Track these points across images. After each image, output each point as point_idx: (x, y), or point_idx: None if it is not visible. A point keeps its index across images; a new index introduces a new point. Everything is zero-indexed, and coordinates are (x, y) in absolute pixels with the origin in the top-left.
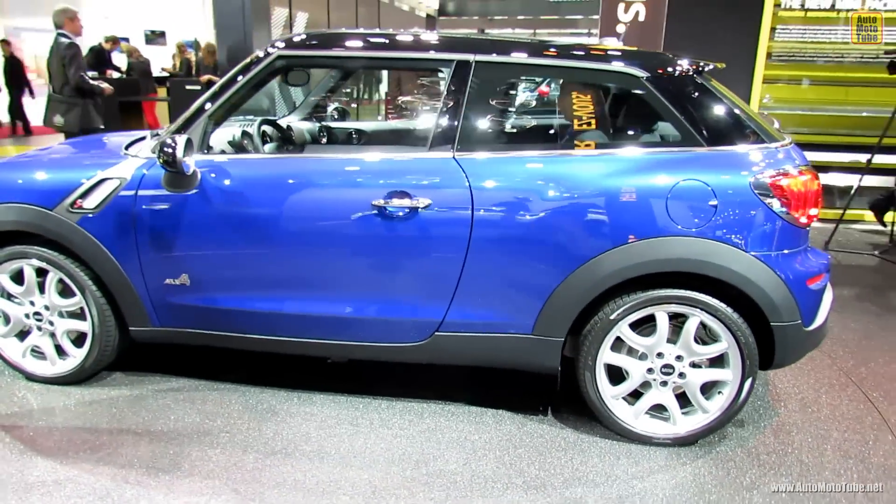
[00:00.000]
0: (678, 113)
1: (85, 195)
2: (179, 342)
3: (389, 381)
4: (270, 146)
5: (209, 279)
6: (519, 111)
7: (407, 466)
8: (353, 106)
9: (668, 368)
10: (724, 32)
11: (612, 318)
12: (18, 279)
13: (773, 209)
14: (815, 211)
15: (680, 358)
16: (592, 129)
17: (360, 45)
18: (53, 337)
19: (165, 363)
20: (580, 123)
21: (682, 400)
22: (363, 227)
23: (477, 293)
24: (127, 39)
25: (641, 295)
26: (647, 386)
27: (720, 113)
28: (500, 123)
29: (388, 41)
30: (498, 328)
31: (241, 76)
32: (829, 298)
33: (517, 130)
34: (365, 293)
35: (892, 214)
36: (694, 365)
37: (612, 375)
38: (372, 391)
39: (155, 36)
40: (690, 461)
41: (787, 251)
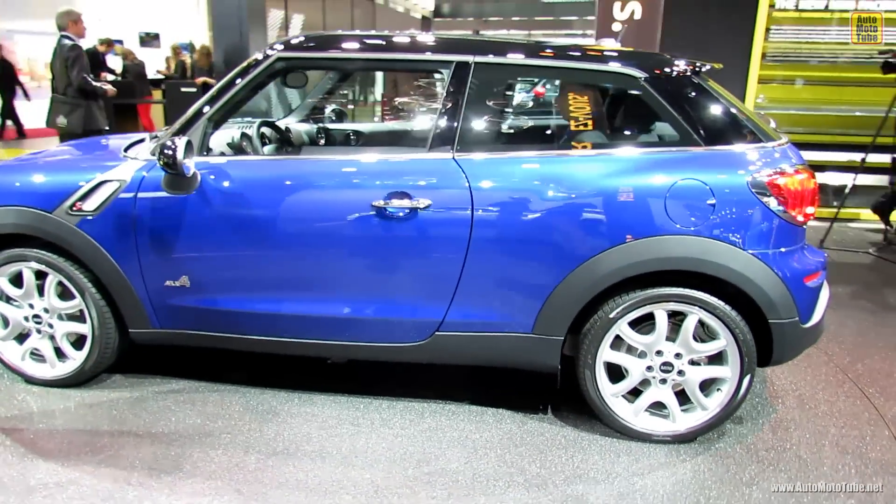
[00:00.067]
0: (676, 113)
1: (84, 197)
2: (179, 344)
3: (389, 381)
4: (269, 148)
5: (210, 281)
6: (518, 112)
7: (409, 465)
8: (349, 107)
9: (667, 366)
10: (718, 33)
11: (611, 316)
12: (17, 282)
13: (770, 208)
14: (811, 209)
15: (679, 356)
16: (591, 129)
17: (359, 46)
18: (53, 339)
19: (165, 365)
20: (579, 124)
21: (681, 397)
22: (364, 227)
23: (477, 293)
24: (121, 42)
25: (640, 293)
26: (646, 384)
27: (717, 113)
28: (499, 124)
29: (387, 43)
30: (498, 327)
31: (240, 78)
32: (825, 296)
33: (516, 131)
34: (365, 293)
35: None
36: (693, 362)
37: (611, 373)
38: (372, 391)
39: (149, 38)
40: (690, 458)
41: (784, 249)
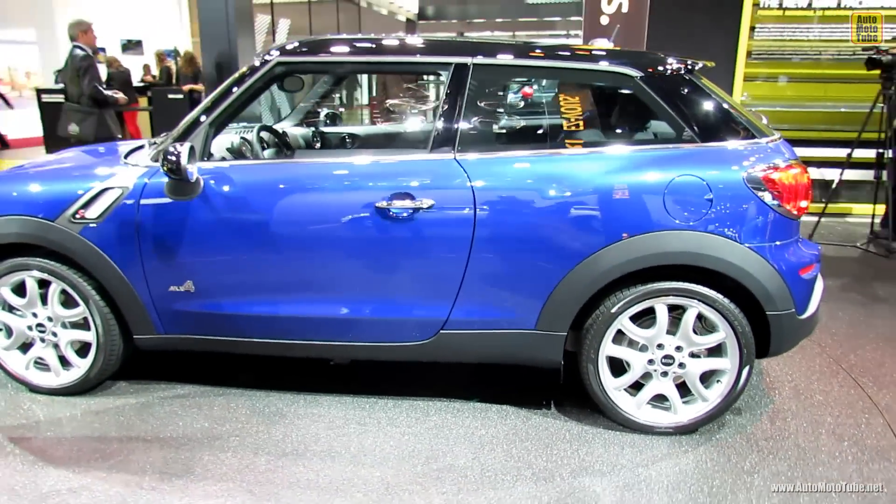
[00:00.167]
0: (672, 111)
1: (87, 205)
2: (184, 349)
3: (393, 380)
4: (269, 152)
5: (214, 285)
6: (517, 112)
7: (417, 463)
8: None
9: (668, 359)
10: (704, 32)
11: (613, 311)
12: (20, 291)
13: (765, 202)
14: (805, 203)
15: (679, 348)
16: (589, 128)
17: (359, 49)
18: (57, 348)
19: (169, 370)
20: (577, 123)
21: (682, 389)
22: (368, 228)
23: (480, 291)
24: (103, 49)
25: (641, 288)
26: (648, 377)
27: (712, 110)
28: (499, 124)
29: (386, 46)
30: (501, 325)
31: (239, 84)
32: (820, 287)
33: (516, 131)
34: (370, 294)
35: (872, 206)
36: (693, 355)
37: (613, 367)
38: (377, 391)
39: (131, 45)
40: (692, 448)
41: (779, 242)
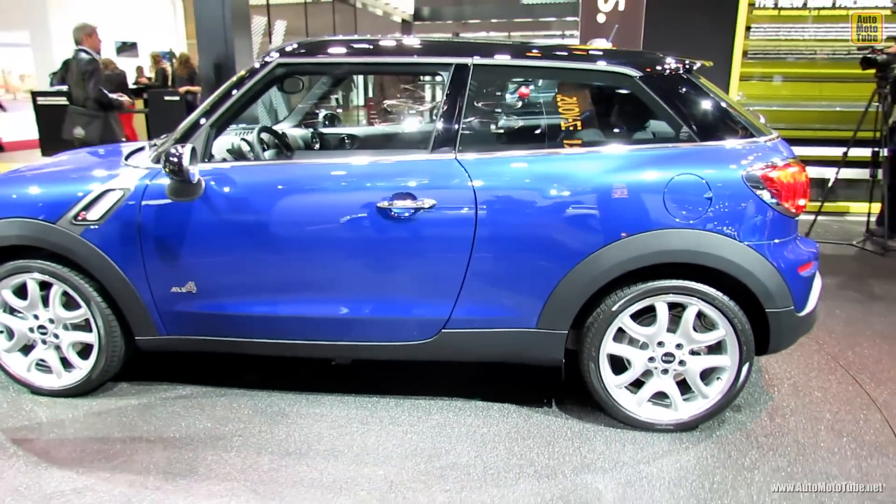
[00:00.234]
0: (671, 110)
1: (88, 207)
2: (186, 350)
3: (395, 380)
4: (270, 153)
5: (217, 286)
6: (518, 112)
7: (420, 461)
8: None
9: (668, 357)
10: (700, 32)
11: (613, 309)
12: (22, 293)
13: (764, 200)
14: (803, 201)
15: (680, 346)
16: (589, 127)
17: (359, 50)
18: (59, 350)
19: (170, 371)
20: (576, 122)
21: (682, 387)
22: (370, 229)
23: (482, 290)
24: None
25: (642, 286)
26: (648, 374)
27: (711, 109)
28: (499, 124)
29: (386, 46)
30: (502, 323)
31: (240, 85)
32: (818, 285)
33: (517, 131)
34: (372, 293)
35: (868, 205)
36: (693, 352)
37: (614, 365)
38: (379, 391)
39: (126, 47)
40: (693, 445)
41: (778, 240)
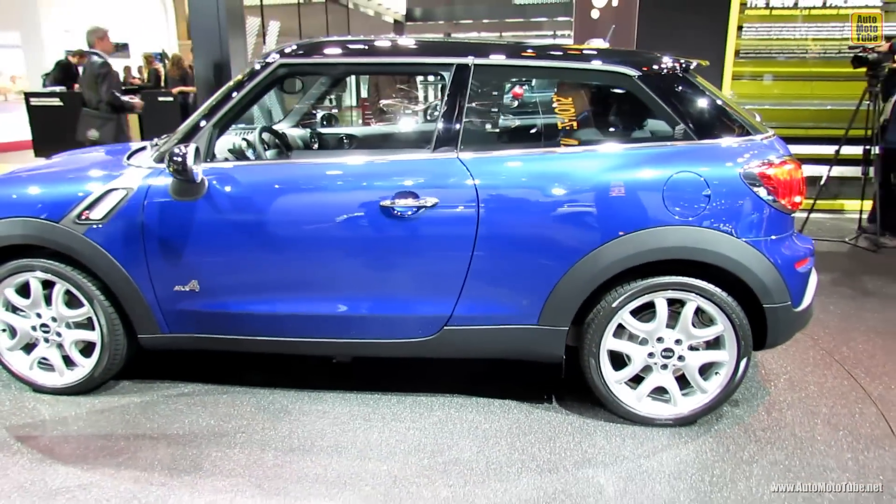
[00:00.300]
0: (670, 109)
1: (91, 206)
2: (188, 348)
3: (395, 377)
4: (271, 153)
5: (220, 284)
6: (518, 111)
7: (423, 456)
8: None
9: (667, 352)
10: (693, 32)
11: (614, 305)
12: (24, 292)
13: (761, 197)
14: (799, 198)
15: (679, 342)
16: (588, 126)
17: (359, 51)
18: (61, 348)
19: (172, 369)
20: (575, 122)
21: (681, 382)
22: (373, 227)
23: (484, 287)
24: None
25: (641, 283)
26: (648, 370)
27: (709, 108)
28: (501, 123)
29: (387, 47)
30: (504, 320)
31: (242, 86)
32: (814, 280)
33: (517, 130)
34: (374, 291)
35: (860, 202)
36: (692, 348)
37: (614, 361)
38: (380, 387)
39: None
40: (692, 439)
41: (775, 237)
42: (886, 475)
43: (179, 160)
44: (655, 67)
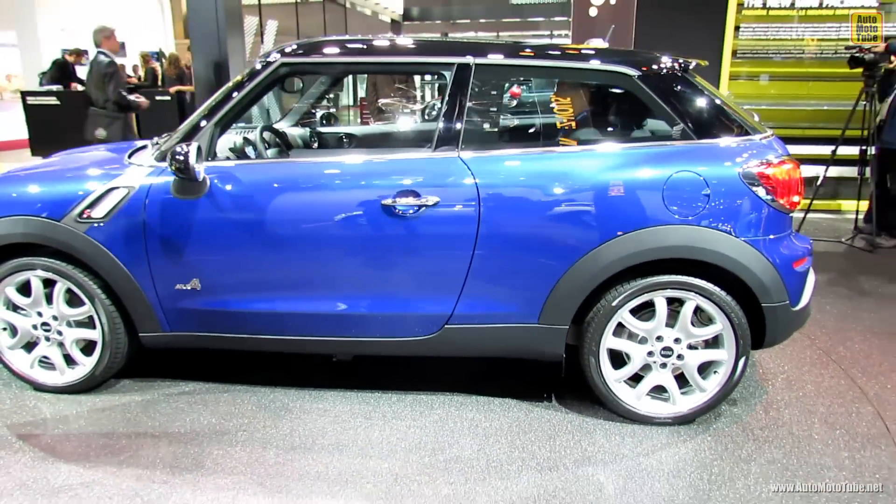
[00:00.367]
0: (669, 109)
1: (93, 205)
2: (190, 346)
3: (396, 375)
4: (272, 152)
5: (221, 283)
6: (519, 111)
7: (424, 454)
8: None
9: (667, 351)
10: (690, 32)
11: (613, 304)
12: (25, 291)
13: (760, 197)
14: (797, 198)
15: (678, 340)
16: (587, 125)
17: (361, 50)
18: (62, 346)
19: (173, 367)
20: (574, 121)
21: (680, 381)
22: (374, 226)
23: (484, 286)
24: (86, 52)
25: (641, 282)
26: (647, 368)
27: (708, 107)
28: (502, 123)
29: (388, 46)
30: (504, 319)
31: (244, 85)
32: (812, 280)
33: (518, 129)
34: (374, 290)
35: (855, 202)
36: (691, 347)
37: (613, 360)
38: (381, 386)
39: None
40: (690, 438)
41: (773, 236)
42: (882, 473)
43: (182, 159)
44: (655, 67)
